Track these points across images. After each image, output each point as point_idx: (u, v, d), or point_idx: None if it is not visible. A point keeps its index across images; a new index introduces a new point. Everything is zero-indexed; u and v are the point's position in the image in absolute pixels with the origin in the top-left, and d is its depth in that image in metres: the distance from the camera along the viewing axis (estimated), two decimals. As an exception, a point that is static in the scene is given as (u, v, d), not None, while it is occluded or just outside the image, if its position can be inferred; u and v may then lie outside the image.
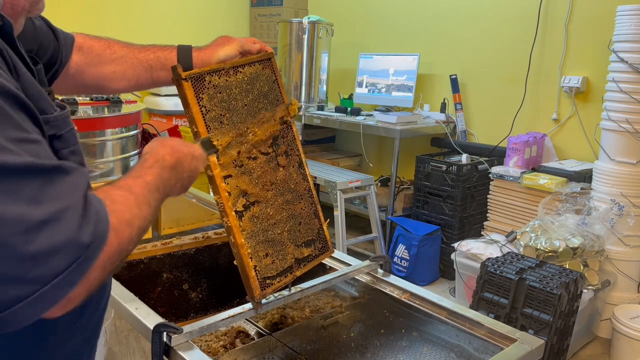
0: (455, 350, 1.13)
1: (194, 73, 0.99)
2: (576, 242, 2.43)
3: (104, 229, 0.60)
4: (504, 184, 2.95)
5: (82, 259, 0.56)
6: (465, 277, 2.69)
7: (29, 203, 0.53)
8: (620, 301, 2.57)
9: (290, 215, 1.12)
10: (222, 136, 1.02)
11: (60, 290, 0.56)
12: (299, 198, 1.15)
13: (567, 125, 3.13)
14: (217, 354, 1.19)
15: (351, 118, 3.63)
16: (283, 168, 1.13)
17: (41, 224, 0.53)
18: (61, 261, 0.55)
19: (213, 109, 1.01)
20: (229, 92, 1.04)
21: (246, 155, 1.06)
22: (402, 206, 3.54)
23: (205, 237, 1.54)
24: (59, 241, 0.54)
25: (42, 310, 0.55)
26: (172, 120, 3.92)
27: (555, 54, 3.13)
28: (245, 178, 1.05)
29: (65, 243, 0.55)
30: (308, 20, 3.82)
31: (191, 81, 0.98)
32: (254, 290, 1.02)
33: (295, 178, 1.15)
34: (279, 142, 1.13)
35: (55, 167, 0.58)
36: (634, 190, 2.52)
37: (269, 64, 1.13)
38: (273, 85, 1.13)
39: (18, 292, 0.53)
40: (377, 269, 1.29)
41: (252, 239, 1.04)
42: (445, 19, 3.67)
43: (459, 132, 3.55)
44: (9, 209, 0.52)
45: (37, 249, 0.53)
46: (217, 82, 1.02)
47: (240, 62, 1.07)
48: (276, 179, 1.11)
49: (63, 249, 0.55)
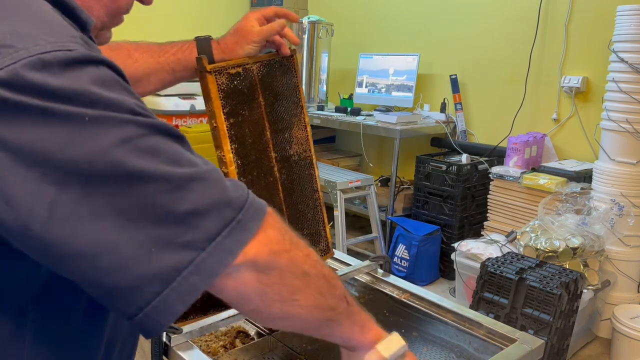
0: (455, 350, 1.13)
1: (217, 67, 0.98)
2: (576, 242, 2.43)
3: (261, 204, 0.56)
4: (504, 184, 2.95)
5: (235, 223, 0.53)
6: (465, 277, 2.69)
7: (170, 164, 0.50)
8: (620, 301, 2.57)
9: (293, 214, 1.12)
10: (239, 130, 1.01)
11: (217, 259, 0.51)
12: (305, 198, 1.15)
13: (567, 125, 3.13)
14: (217, 354, 1.19)
15: (351, 118, 3.63)
16: (293, 167, 1.12)
17: (188, 181, 0.50)
18: (213, 222, 0.51)
19: (231, 103, 1.00)
20: (251, 87, 1.03)
21: (258, 151, 1.06)
22: (402, 206, 3.54)
23: (205, 237, 1.54)
24: (208, 199, 0.51)
25: (202, 282, 0.51)
26: (172, 120, 3.92)
27: (555, 54, 3.13)
28: (253, 170, 1.05)
29: (216, 201, 0.52)
30: (308, 20, 3.82)
31: (215, 74, 0.97)
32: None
33: (303, 178, 1.14)
34: (292, 141, 1.12)
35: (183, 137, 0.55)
36: (634, 190, 2.52)
37: (291, 61, 1.11)
38: (293, 84, 1.12)
39: (173, 259, 0.49)
40: (377, 269, 1.29)
41: None
42: (445, 19, 3.67)
43: (459, 132, 3.55)
44: (154, 167, 0.49)
45: (186, 208, 0.49)
46: (237, 75, 1.01)
47: (265, 57, 1.05)
48: (285, 176, 1.11)
49: (214, 208, 0.51)
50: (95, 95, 0.48)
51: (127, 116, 0.49)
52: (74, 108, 0.47)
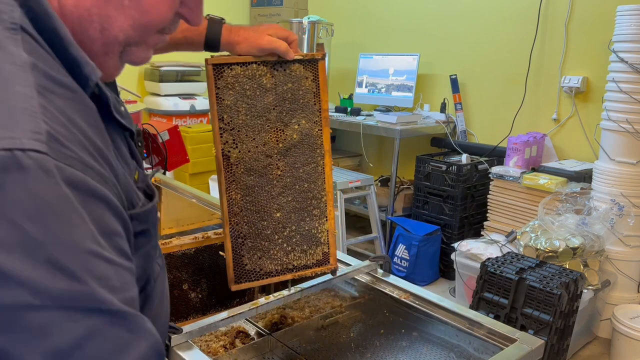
0: (455, 350, 1.13)
1: (217, 62, 0.99)
2: (576, 242, 2.43)
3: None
4: (504, 184, 2.95)
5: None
6: (465, 277, 2.69)
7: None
8: (620, 301, 2.57)
9: (288, 216, 1.12)
10: (235, 120, 1.03)
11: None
12: (308, 204, 1.13)
13: (567, 125, 3.13)
14: (217, 354, 1.19)
15: (351, 118, 3.63)
16: (297, 171, 1.10)
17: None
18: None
19: (229, 99, 1.01)
20: (252, 85, 1.03)
21: (257, 150, 1.05)
22: (402, 206, 3.54)
23: (205, 237, 1.54)
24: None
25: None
26: (172, 120, 3.92)
27: (555, 54, 3.13)
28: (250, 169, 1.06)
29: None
30: (308, 20, 3.82)
31: (213, 67, 0.99)
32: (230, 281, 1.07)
33: (309, 185, 1.12)
34: (300, 146, 1.10)
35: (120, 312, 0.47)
36: (634, 190, 2.52)
37: (313, 67, 1.07)
38: (307, 89, 1.08)
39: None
40: (377, 269, 1.29)
41: (247, 226, 1.06)
42: (445, 19, 3.67)
43: (459, 132, 3.55)
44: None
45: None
46: (239, 73, 1.01)
47: (273, 58, 1.04)
48: (286, 181, 1.10)
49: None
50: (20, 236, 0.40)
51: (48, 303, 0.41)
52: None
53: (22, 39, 0.47)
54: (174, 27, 0.63)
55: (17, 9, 0.49)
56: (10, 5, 0.49)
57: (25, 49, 0.47)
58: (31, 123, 0.43)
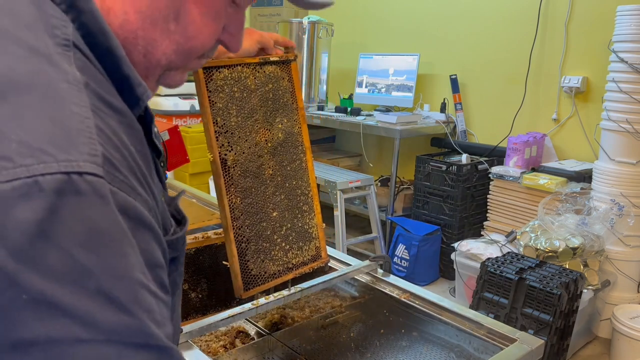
0: (455, 350, 1.13)
1: (207, 65, 1.00)
2: (576, 242, 2.43)
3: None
4: (504, 184, 2.95)
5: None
6: (465, 277, 2.69)
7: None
8: (620, 301, 2.57)
9: (282, 214, 1.12)
10: (228, 122, 1.04)
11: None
12: (297, 200, 1.15)
13: (567, 125, 3.13)
14: (217, 354, 1.19)
15: (351, 118, 3.63)
16: (285, 167, 1.13)
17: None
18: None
19: (220, 101, 1.03)
20: (239, 87, 1.05)
21: (250, 151, 1.07)
22: (402, 206, 3.54)
23: (205, 237, 1.54)
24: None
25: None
26: (172, 120, 3.92)
27: (555, 54, 3.13)
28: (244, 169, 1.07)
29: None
30: (308, 21, 3.83)
31: (203, 70, 1.00)
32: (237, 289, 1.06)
33: (295, 177, 1.15)
34: (285, 144, 1.13)
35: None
36: (634, 190, 2.52)
37: (287, 68, 1.13)
38: (285, 89, 1.13)
39: None
40: (377, 269, 1.29)
41: (245, 230, 1.06)
42: (445, 19, 3.67)
43: (459, 132, 3.55)
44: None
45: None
46: (227, 76, 1.03)
47: (255, 60, 1.07)
48: (277, 180, 1.11)
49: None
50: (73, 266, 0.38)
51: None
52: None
53: (74, 56, 0.46)
54: (213, 52, 0.61)
55: (70, 24, 0.47)
56: (63, 21, 0.47)
57: (77, 67, 0.45)
58: (88, 145, 0.41)
